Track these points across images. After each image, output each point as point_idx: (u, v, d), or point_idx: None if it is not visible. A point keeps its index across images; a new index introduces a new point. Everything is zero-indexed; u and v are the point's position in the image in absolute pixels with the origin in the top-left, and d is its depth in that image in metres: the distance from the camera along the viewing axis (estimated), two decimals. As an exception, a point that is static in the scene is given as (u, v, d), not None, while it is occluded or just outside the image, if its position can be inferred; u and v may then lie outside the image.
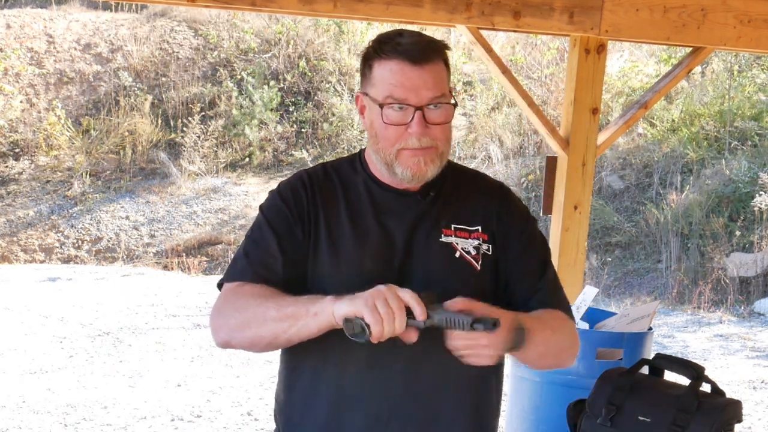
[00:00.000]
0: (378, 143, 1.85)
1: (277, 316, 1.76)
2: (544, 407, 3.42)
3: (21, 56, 12.61)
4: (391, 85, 1.79)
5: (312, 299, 1.75)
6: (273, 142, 12.44)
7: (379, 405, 1.84)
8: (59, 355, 6.91)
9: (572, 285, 4.27)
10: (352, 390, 1.85)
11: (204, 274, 10.43)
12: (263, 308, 1.78)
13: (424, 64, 1.80)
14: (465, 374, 1.86)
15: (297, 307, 1.75)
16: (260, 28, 13.40)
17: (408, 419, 1.85)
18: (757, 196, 10.15)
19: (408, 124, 1.80)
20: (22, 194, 11.52)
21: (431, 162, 1.83)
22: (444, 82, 1.83)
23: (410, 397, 1.85)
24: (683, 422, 2.42)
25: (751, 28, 4.23)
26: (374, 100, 1.83)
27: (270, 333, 1.79)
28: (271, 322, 1.77)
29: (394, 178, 1.87)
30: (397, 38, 1.82)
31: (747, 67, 12.47)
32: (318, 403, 1.88)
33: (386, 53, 1.81)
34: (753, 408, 6.35)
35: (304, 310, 1.74)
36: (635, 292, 9.83)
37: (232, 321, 1.83)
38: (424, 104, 1.79)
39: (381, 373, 1.84)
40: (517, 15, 3.92)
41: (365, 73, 1.86)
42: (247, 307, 1.80)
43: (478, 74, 13.03)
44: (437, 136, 1.82)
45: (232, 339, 1.85)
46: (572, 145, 4.30)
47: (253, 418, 5.71)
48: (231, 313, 1.83)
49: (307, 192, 1.90)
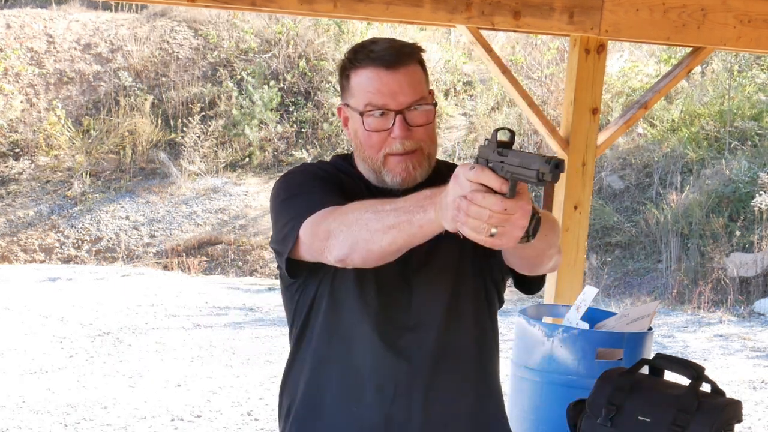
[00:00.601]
0: (364, 152, 1.86)
1: (379, 227, 1.62)
2: (544, 407, 3.42)
3: (21, 56, 12.61)
4: (369, 93, 1.81)
5: (413, 206, 1.60)
6: (273, 142, 12.45)
7: (386, 381, 1.86)
8: (59, 355, 6.91)
9: (572, 285, 4.27)
10: (362, 367, 1.87)
11: (204, 274, 10.43)
12: (365, 219, 1.65)
13: (399, 67, 1.81)
14: (467, 342, 1.90)
15: (398, 216, 1.61)
16: (260, 28, 13.40)
17: (412, 396, 1.86)
18: (757, 196, 10.15)
19: (390, 129, 1.81)
20: (22, 194, 11.53)
21: (419, 165, 1.84)
22: (421, 84, 1.84)
23: (413, 374, 1.86)
24: (683, 422, 2.42)
25: (751, 28, 4.23)
26: (355, 110, 1.84)
27: (376, 244, 1.65)
28: (376, 233, 1.63)
29: (384, 184, 1.88)
30: (370, 46, 1.83)
31: (747, 67, 12.47)
32: (327, 386, 1.90)
33: (360, 62, 1.82)
34: (753, 408, 6.35)
35: (407, 221, 1.60)
36: (635, 292, 9.83)
37: (341, 237, 1.67)
38: (404, 108, 1.80)
39: (389, 350, 1.85)
40: (517, 15, 3.92)
41: (343, 84, 1.87)
42: (351, 222, 1.66)
43: (478, 74, 13.03)
44: (421, 138, 1.83)
45: (349, 255, 1.69)
46: (572, 145, 4.30)
47: (253, 418, 5.71)
48: (338, 228, 1.68)
49: (332, 175, 1.90)
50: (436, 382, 1.88)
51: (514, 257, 1.82)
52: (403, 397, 1.86)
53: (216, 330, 7.83)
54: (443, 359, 1.89)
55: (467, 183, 1.45)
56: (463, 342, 1.91)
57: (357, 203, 1.71)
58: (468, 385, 1.93)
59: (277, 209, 1.86)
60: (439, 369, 1.88)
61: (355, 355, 1.87)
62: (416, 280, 1.88)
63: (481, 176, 1.44)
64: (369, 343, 1.85)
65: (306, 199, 1.79)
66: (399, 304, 1.87)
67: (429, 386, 1.87)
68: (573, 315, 3.53)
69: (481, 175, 1.44)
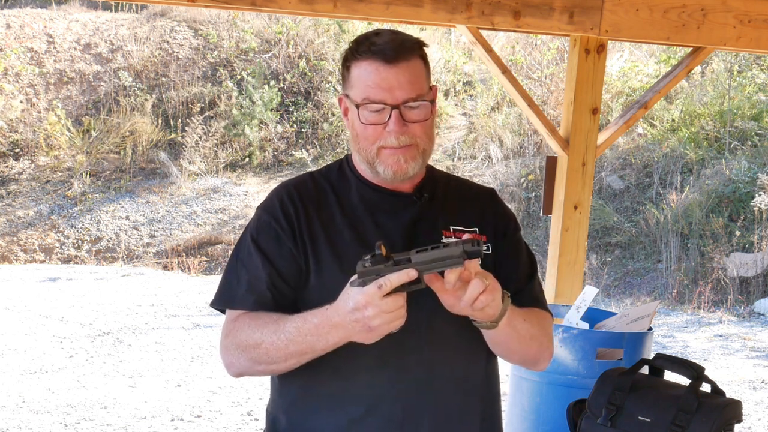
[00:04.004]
0: (359, 143, 1.85)
1: (281, 356, 1.78)
2: (544, 407, 3.42)
3: (21, 56, 12.61)
4: (368, 86, 1.80)
5: (310, 330, 1.74)
6: (273, 142, 12.45)
7: (393, 407, 1.83)
8: (59, 355, 6.91)
9: (572, 285, 4.27)
10: (364, 393, 1.84)
11: (204, 274, 10.43)
12: (265, 348, 1.79)
13: (399, 62, 1.80)
14: (474, 372, 1.90)
15: (298, 345, 1.76)
16: (260, 28, 13.40)
17: (422, 420, 1.84)
18: (757, 196, 10.15)
19: (386, 123, 1.80)
20: (22, 194, 11.53)
21: (412, 159, 1.83)
22: (421, 80, 1.83)
23: (423, 399, 1.84)
24: (683, 422, 2.42)
25: (751, 28, 4.23)
26: (353, 101, 1.84)
27: (280, 367, 1.82)
28: (277, 361, 1.80)
29: (377, 177, 1.88)
30: (373, 38, 1.82)
31: (747, 67, 12.47)
32: (329, 410, 1.86)
33: (361, 54, 1.81)
34: (753, 408, 6.35)
35: (309, 347, 1.76)
36: (635, 292, 9.83)
37: (241, 360, 1.84)
38: (401, 103, 1.80)
39: (393, 373, 1.83)
40: (517, 15, 3.92)
41: (344, 74, 1.87)
42: (251, 348, 1.81)
43: (478, 74, 13.03)
44: (416, 134, 1.82)
45: (245, 374, 1.87)
46: (572, 145, 4.30)
47: (253, 418, 5.71)
48: (236, 352, 1.84)
49: (294, 202, 1.89)
50: (446, 411, 1.87)
51: (490, 343, 1.89)
52: (413, 421, 1.85)
53: (216, 330, 7.83)
54: (452, 389, 1.88)
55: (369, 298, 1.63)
56: (474, 365, 1.91)
57: (260, 322, 1.82)
58: (477, 410, 1.92)
59: (228, 264, 1.95)
60: (450, 399, 1.87)
61: (359, 383, 1.85)
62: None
63: (385, 286, 1.63)
64: (365, 362, 1.83)
65: (241, 281, 1.88)
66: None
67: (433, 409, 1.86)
68: (573, 315, 3.53)
69: (386, 284, 1.63)
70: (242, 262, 1.89)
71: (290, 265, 1.85)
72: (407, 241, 1.86)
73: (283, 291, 1.85)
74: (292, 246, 1.85)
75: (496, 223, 1.96)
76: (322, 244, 1.85)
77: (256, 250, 1.87)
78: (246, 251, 1.89)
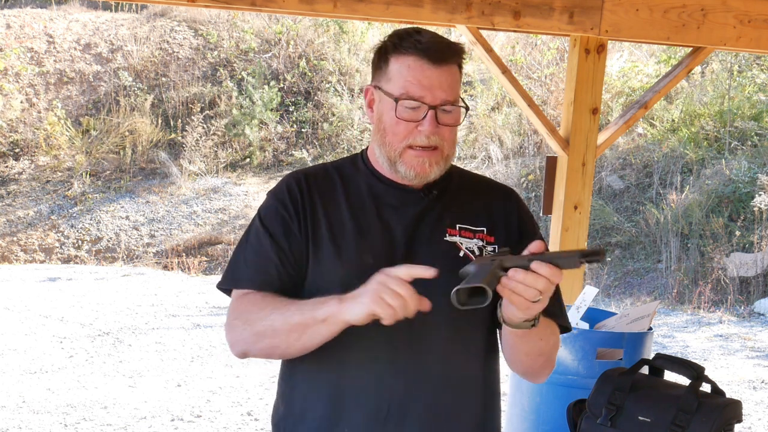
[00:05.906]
0: (385, 137, 1.85)
1: (285, 327, 1.78)
2: (544, 407, 3.42)
3: (21, 56, 12.61)
4: (408, 82, 1.80)
5: (316, 304, 1.76)
6: (273, 142, 12.45)
7: (379, 401, 1.83)
8: (59, 355, 6.91)
9: (572, 285, 4.27)
10: (353, 385, 1.85)
11: (204, 274, 10.43)
12: (270, 320, 1.79)
13: (442, 64, 1.81)
14: (470, 371, 1.89)
15: (303, 315, 1.76)
16: (260, 28, 13.40)
17: (408, 416, 1.84)
18: (757, 196, 10.15)
19: (420, 122, 1.81)
20: (22, 194, 11.53)
21: (435, 164, 1.84)
22: (457, 85, 1.85)
23: (412, 395, 1.84)
24: (683, 422, 2.42)
25: (751, 28, 4.23)
26: (389, 95, 1.83)
27: (283, 343, 1.80)
28: (281, 333, 1.79)
29: (396, 174, 1.88)
30: (417, 35, 1.83)
31: (747, 67, 12.47)
32: (318, 399, 1.88)
33: (405, 49, 1.81)
34: (753, 408, 6.35)
35: (311, 318, 1.75)
36: (635, 292, 9.83)
37: (245, 334, 1.84)
38: (438, 104, 1.81)
39: (383, 368, 1.83)
40: (517, 15, 3.92)
41: (381, 66, 1.86)
42: (256, 320, 1.82)
43: (478, 74, 13.03)
44: (445, 137, 1.83)
45: (249, 351, 1.87)
46: (572, 145, 4.30)
47: (253, 418, 5.71)
48: (242, 326, 1.85)
49: (302, 190, 1.90)
50: (435, 408, 1.86)
51: (507, 343, 1.89)
52: (397, 420, 1.84)
53: (216, 330, 7.82)
54: (444, 385, 1.87)
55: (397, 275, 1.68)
56: (471, 364, 1.90)
57: (266, 302, 1.84)
58: (472, 409, 1.92)
59: (236, 246, 1.97)
60: (441, 396, 1.87)
61: (349, 377, 1.85)
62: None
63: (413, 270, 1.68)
64: (357, 356, 1.83)
65: (248, 262, 1.90)
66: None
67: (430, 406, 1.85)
68: (573, 315, 3.53)
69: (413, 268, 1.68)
70: (250, 244, 1.91)
71: (295, 249, 1.87)
72: (408, 236, 1.86)
73: (290, 273, 1.86)
74: (297, 231, 1.87)
75: (510, 224, 1.94)
76: (323, 232, 1.87)
77: (264, 232, 1.89)
78: (254, 233, 1.91)
